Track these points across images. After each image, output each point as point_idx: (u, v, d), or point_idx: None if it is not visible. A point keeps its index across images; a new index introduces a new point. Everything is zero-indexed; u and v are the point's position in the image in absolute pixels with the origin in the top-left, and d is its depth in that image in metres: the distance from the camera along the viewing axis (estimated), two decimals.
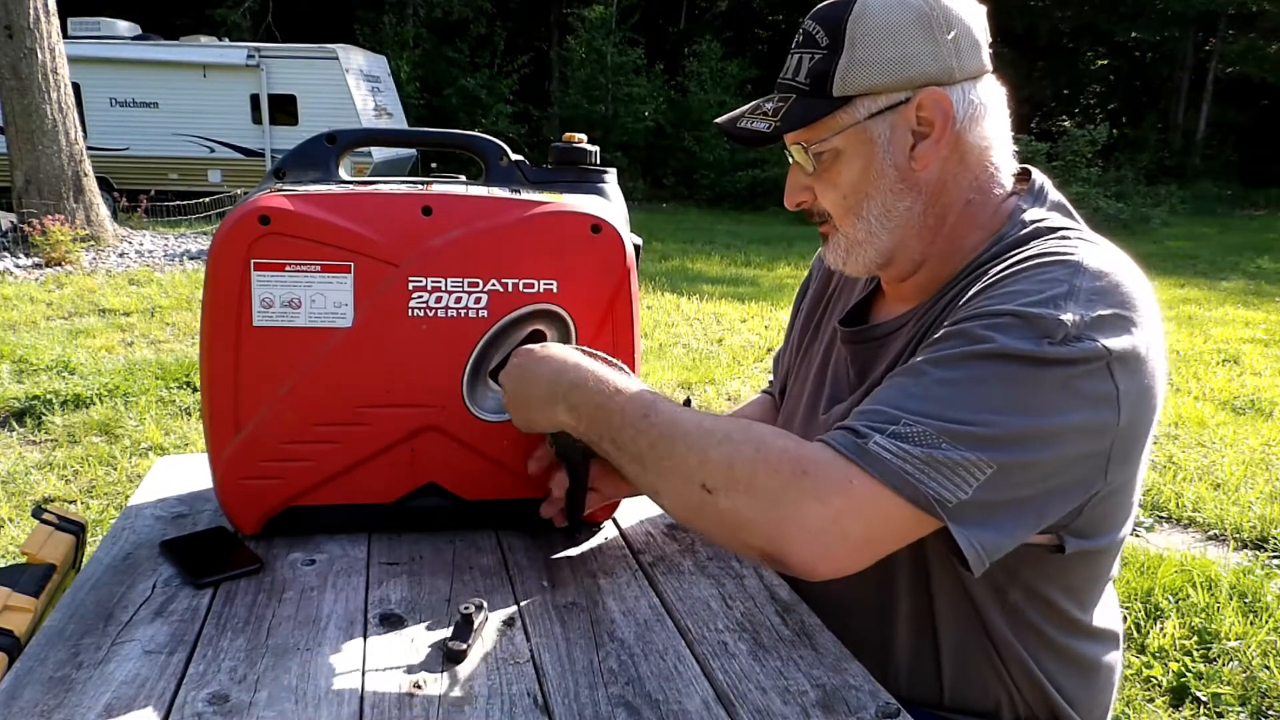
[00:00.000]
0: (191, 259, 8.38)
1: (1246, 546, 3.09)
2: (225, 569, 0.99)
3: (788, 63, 0.97)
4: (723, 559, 1.07)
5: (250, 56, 12.61)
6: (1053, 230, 0.92)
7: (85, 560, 1.07)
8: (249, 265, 0.98)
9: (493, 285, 1.02)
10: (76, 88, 9.17)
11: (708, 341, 5.97)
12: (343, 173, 1.10)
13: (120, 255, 8.43)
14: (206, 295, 0.99)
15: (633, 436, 0.87)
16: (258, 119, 12.68)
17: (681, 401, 0.91)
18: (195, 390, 4.32)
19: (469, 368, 1.04)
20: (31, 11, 7.98)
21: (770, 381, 1.38)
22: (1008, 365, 0.79)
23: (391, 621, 0.91)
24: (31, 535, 1.09)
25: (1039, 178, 1.00)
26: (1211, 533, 3.19)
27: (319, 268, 0.99)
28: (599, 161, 1.15)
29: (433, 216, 1.00)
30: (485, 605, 0.90)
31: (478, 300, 1.02)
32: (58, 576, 1.05)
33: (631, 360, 1.07)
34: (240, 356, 1.00)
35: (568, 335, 1.06)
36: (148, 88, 12.46)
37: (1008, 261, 0.88)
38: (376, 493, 1.07)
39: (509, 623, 0.92)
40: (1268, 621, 2.48)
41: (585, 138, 1.15)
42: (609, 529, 1.15)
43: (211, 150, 12.70)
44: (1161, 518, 3.31)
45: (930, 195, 0.95)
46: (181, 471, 1.30)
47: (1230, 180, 19.63)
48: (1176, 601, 2.59)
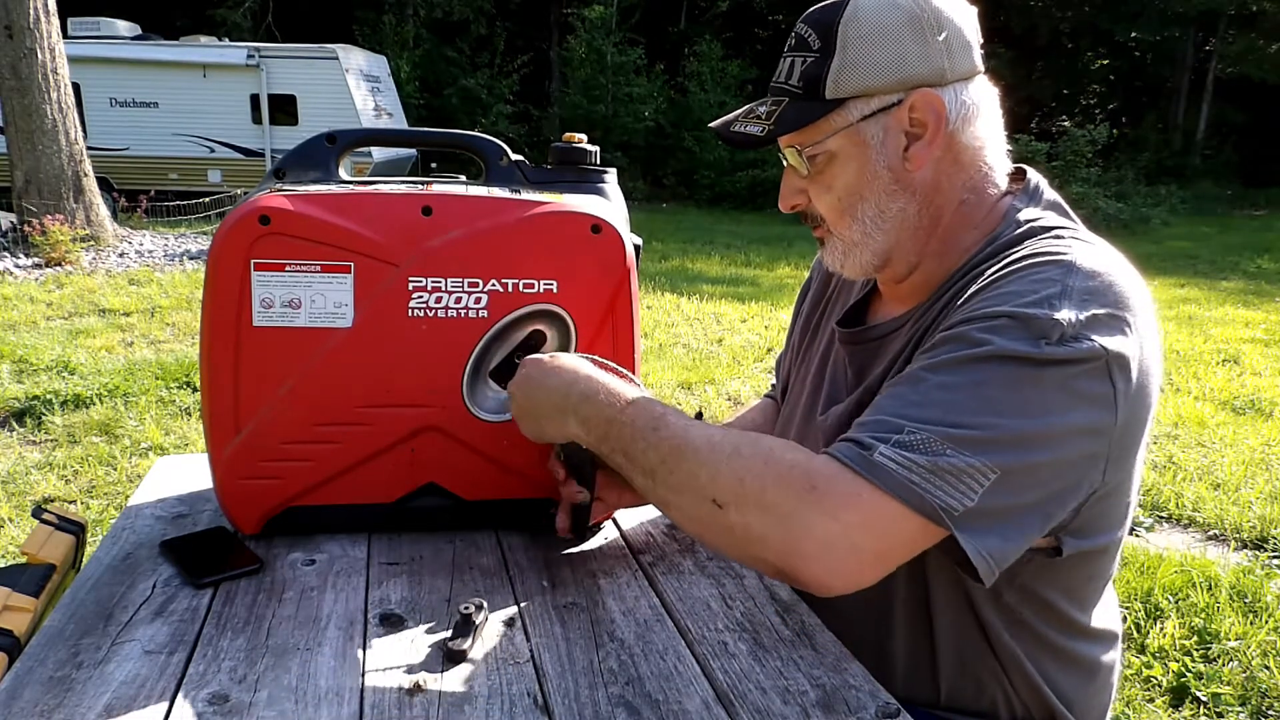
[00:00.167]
0: (191, 259, 8.38)
1: (1246, 546, 3.09)
2: (225, 569, 0.99)
3: (780, 66, 0.97)
4: (723, 559, 1.07)
5: (250, 56, 12.60)
6: (1047, 229, 0.92)
7: (85, 560, 1.07)
8: (249, 265, 0.98)
9: (493, 285, 1.02)
10: (76, 88, 9.16)
11: (708, 341, 5.97)
12: (343, 173, 1.10)
13: (120, 255, 8.43)
14: (206, 295, 0.99)
15: (643, 450, 0.87)
16: (258, 119, 12.68)
17: (694, 414, 0.91)
18: (195, 390, 4.32)
19: (469, 368, 1.04)
20: (31, 11, 7.98)
21: (772, 385, 1.38)
22: (1006, 367, 0.79)
23: (391, 621, 0.91)
24: (31, 535, 1.09)
25: (1034, 177, 1.00)
26: (1211, 533, 3.19)
27: (319, 268, 0.99)
28: (599, 161, 1.15)
29: (433, 216, 1.00)
30: (485, 605, 0.90)
31: (478, 300, 1.02)
32: (58, 576, 1.05)
33: (632, 361, 1.07)
34: (240, 356, 1.00)
35: (568, 335, 1.06)
36: (148, 88, 12.45)
37: (1003, 262, 0.88)
38: (376, 493, 1.07)
39: (509, 623, 0.92)
40: (1268, 621, 2.48)
41: (585, 138, 1.15)
42: (609, 529, 1.15)
43: (211, 150, 12.69)
44: (1161, 518, 3.31)
45: (924, 196, 0.95)
46: (181, 471, 1.30)
47: (1230, 180, 19.62)
48: (1176, 601, 2.59)
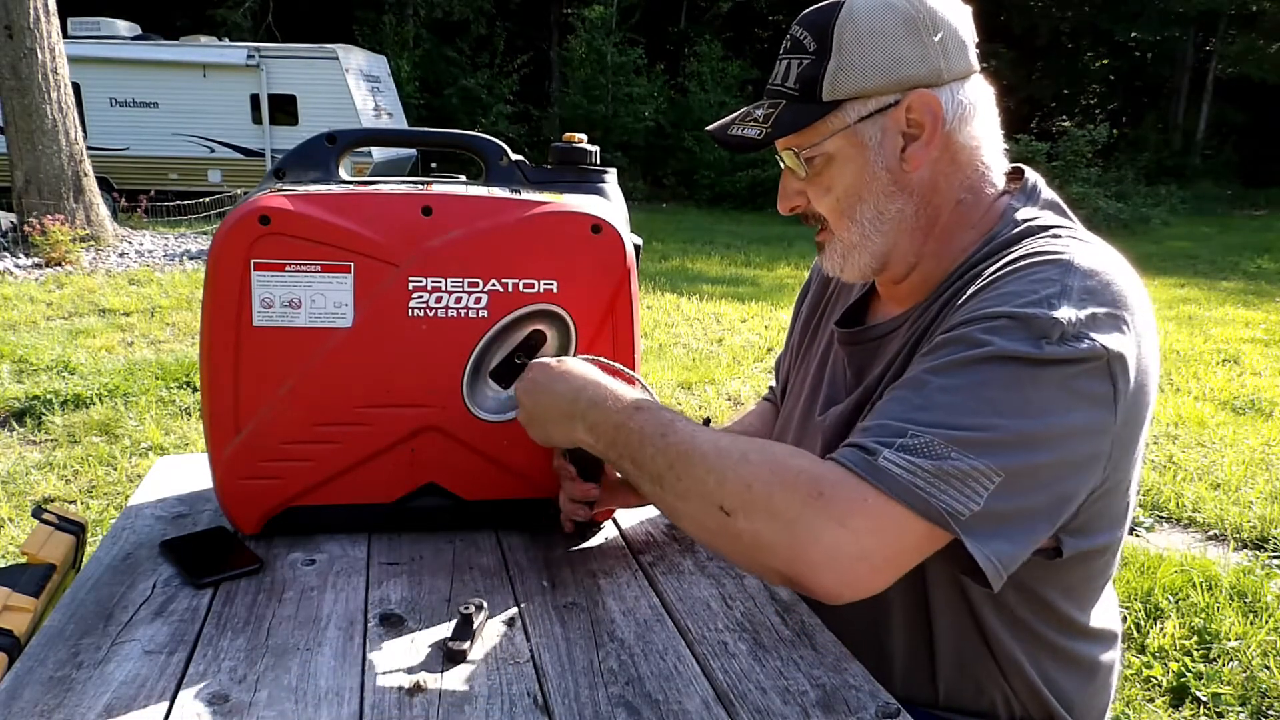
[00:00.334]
0: (191, 259, 8.38)
1: (1246, 546, 3.09)
2: (225, 569, 0.99)
3: (776, 68, 0.97)
4: (723, 559, 1.07)
5: (250, 56, 12.60)
6: (1045, 229, 0.92)
7: (85, 560, 1.07)
8: (249, 265, 0.98)
9: (493, 285, 1.02)
10: (76, 88, 9.16)
11: (708, 341, 5.97)
12: (343, 173, 1.10)
13: (120, 255, 8.43)
14: (206, 295, 0.99)
15: (651, 456, 0.87)
16: (258, 119, 12.68)
17: (702, 421, 0.91)
18: (195, 390, 4.32)
19: (469, 368, 1.04)
20: (31, 11, 7.98)
21: (771, 388, 1.38)
22: (1008, 368, 0.79)
23: (391, 621, 0.91)
24: (31, 535, 1.09)
25: (1031, 176, 1.01)
26: (1211, 533, 3.19)
27: (319, 268, 0.99)
28: (599, 161, 1.15)
29: (433, 216, 1.00)
30: (485, 605, 0.90)
31: (478, 300, 1.02)
32: (58, 576, 1.05)
33: (632, 361, 1.07)
34: (240, 356, 1.00)
35: (568, 335, 1.06)
36: (148, 88, 12.45)
37: (1001, 261, 0.89)
38: (376, 493, 1.07)
39: (509, 623, 0.92)
40: (1268, 621, 2.48)
41: (585, 138, 1.15)
42: (609, 529, 1.15)
43: (211, 150, 12.69)
44: (1161, 518, 3.31)
45: (922, 196, 0.95)
46: (181, 471, 1.30)
47: (1230, 180, 19.62)
48: (1176, 601, 2.59)
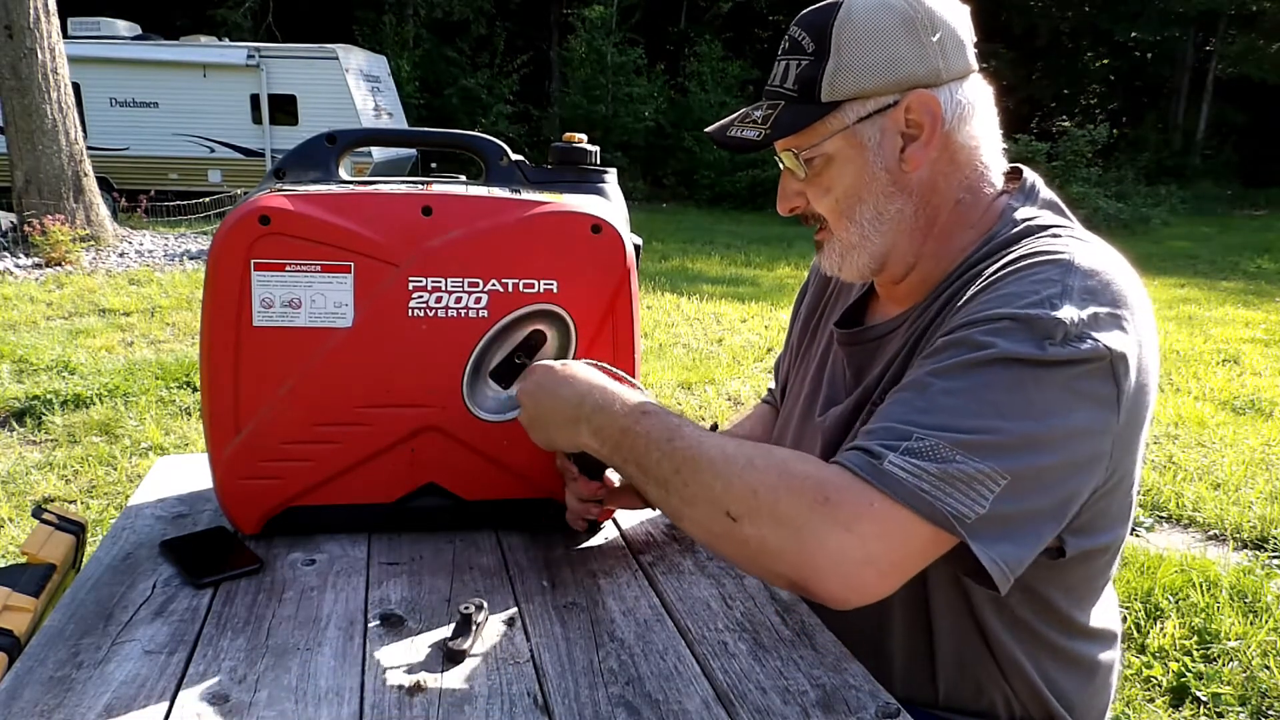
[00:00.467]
0: (191, 259, 8.38)
1: (1246, 546, 3.09)
2: (225, 569, 0.99)
3: (775, 69, 0.97)
4: (728, 562, 1.07)
5: (250, 56, 12.60)
6: (1044, 228, 0.92)
7: (85, 560, 1.07)
8: (249, 265, 0.98)
9: (493, 285, 1.02)
10: (76, 88, 9.16)
11: (708, 341, 5.97)
12: (343, 173, 1.10)
13: (120, 255, 8.43)
14: (206, 295, 0.99)
15: (658, 461, 0.86)
16: (258, 119, 12.68)
17: (709, 426, 0.91)
18: (195, 390, 4.32)
19: (469, 368, 1.04)
20: (31, 11, 7.97)
21: (770, 389, 1.38)
22: (1011, 370, 0.79)
23: (391, 621, 0.91)
24: (31, 535, 1.09)
25: (1030, 176, 1.01)
26: (1211, 533, 3.19)
27: (319, 268, 0.99)
28: (599, 161, 1.15)
29: (433, 216, 1.00)
30: (485, 605, 0.90)
31: (478, 300, 1.02)
32: (58, 576, 1.05)
33: (632, 361, 1.07)
34: (240, 356, 1.00)
35: (568, 335, 1.06)
36: (148, 88, 12.45)
37: (1001, 262, 0.89)
38: (376, 493, 1.07)
39: (509, 623, 0.92)
40: (1268, 621, 2.48)
41: (585, 138, 1.15)
42: (609, 529, 1.15)
43: (211, 150, 12.69)
44: (1161, 518, 3.31)
45: (921, 196, 0.95)
46: (181, 471, 1.30)
47: (1230, 180, 19.61)
48: (1176, 601, 2.59)
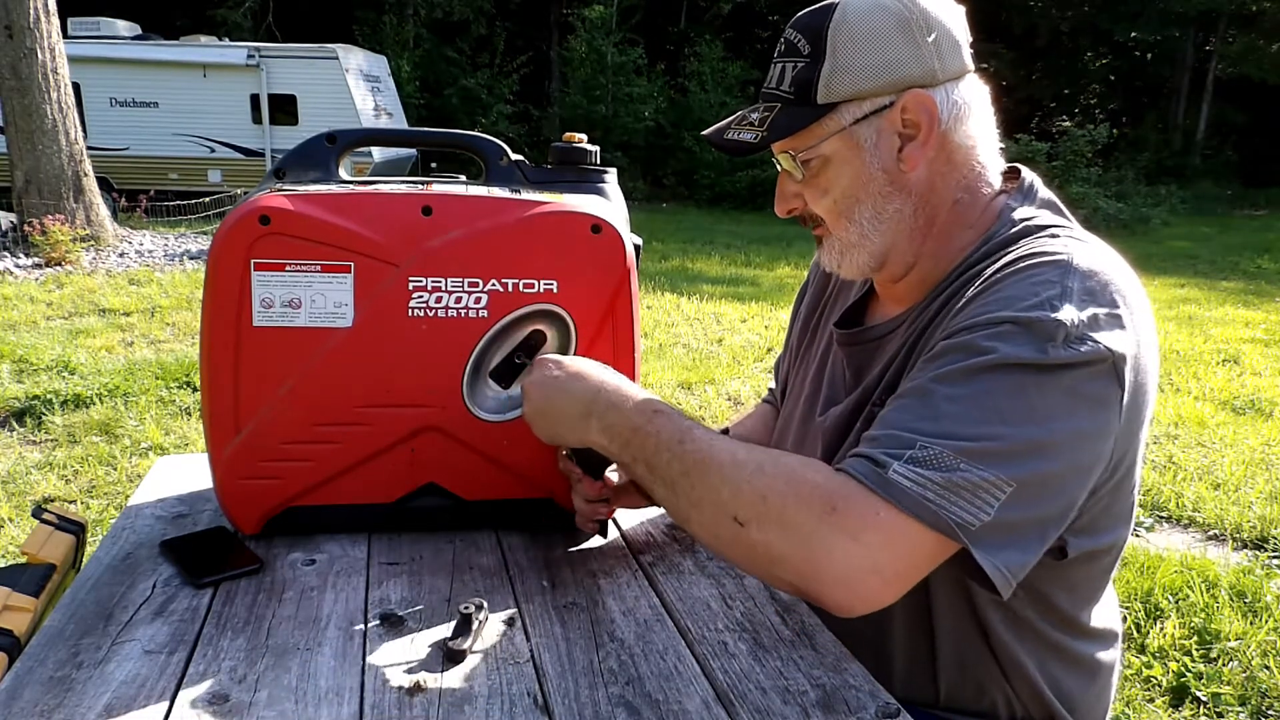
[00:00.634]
0: (191, 259, 8.38)
1: (1246, 546, 3.09)
2: (225, 569, 0.99)
3: (771, 72, 0.97)
4: (733, 566, 1.07)
5: (250, 56, 12.60)
6: (1042, 228, 0.93)
7: (85, 560, 1.07)
8: (249, 265, 0.98)
9: (493, 285, 1.02)
10: (76, 88, 9.16)
11: (708, 341, 5.97)
12: (343, 173, 1.10)
13: (120, 255, 8.43)
14: (206, 295, 0.99)
15: (667, 462, 0.86)
16: (258, 119, 12.68)
17: (720, 429, 0.91)
18: (195, 390, 4.32)
19: (469, 368, 1.04)
20: (31, 11, 7.98)
21: (770, 389, 1.38)
22: (1013, 375, 0.79)
23: (391, 621, 0.91)
24: (31, 535, 1.09)
25: (1028, 176, 1.01)
26: (1211, 533, 3.19)
27: (319, 268, 0.99)
28: (599, 161, 1.15)
29: (433, 216, 1.00)
30: (485, 605, 0.90)
31: (478, 300, 1.02)
32: (58, 576, 1.05)
33: (632, 360, 1.07)
34: (240, 356, 1.00)
35: (568, 335, 1.06)
36: (148, 88, 12.45)
37: (1000, 263, 0.89)
38: (376, 493, 1.07)
39: (509, 623, 0.92)
40: (1268, 621, 2.48)
41: (585, 138, 1.15)
42: (609, 529, 1.15)
43: (211, 150, 12.69)
44: (1161, 518, 3.31)
45: (920, 196, 0.95)
46: (181, 471, 1.30)
47: (1230, 180, 19.62)
48: (1176, 601, 2.59)
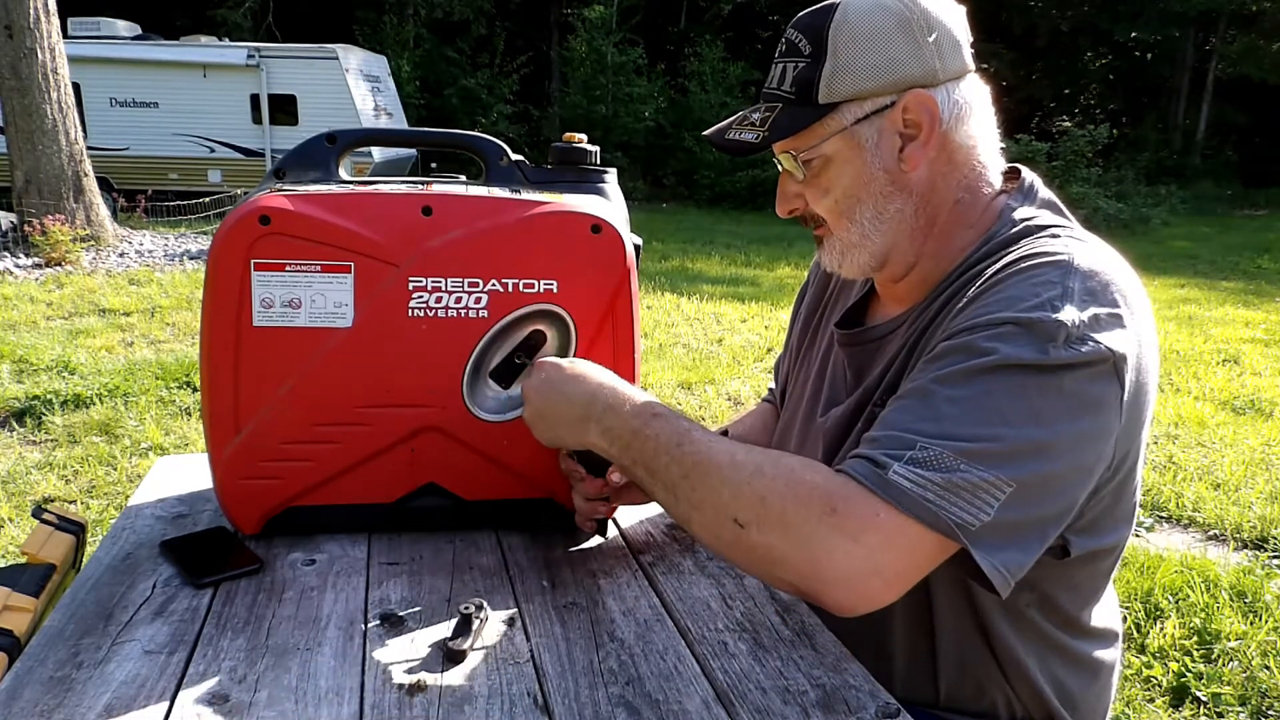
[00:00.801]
0: (191, 259, 8.38)
1: (1246, 546, 3.09)
2: (225, 569, 0.99)
3: (772, 72, 0.97)
4: (733, 567, 1.07)
5: (250, 56, 12.60)
6: (1043, 228, 0.93)
7: (85, 560, 1.07)
8: (249, 265, 0.98)
9: (493, 285, 1.02)
10: (76, 88, 9.16)
11: (708, 341, 5.97)
12: (343, 173, 1.10)
13: (120, 255, 8.43)
14: (206, 295, 0.99)
15: (666, 464, 0.87)
16: (258, 119, 12.68)
17: (719, 429, 0.91)
18: (195, 390, 4.32)
19: (469, 368, 1.04)
20: (31, 11, 7.98)
21: (770, 389, 1.38)
22: (1014, 376, 0.79)
23: (391, 621, 0.91)
24: (31, 535, 1.09)
25: (1029, 176, 1.01)
26: (1211, 533, 3.19)
27: (319, 268, 0.99)
28: (599, 161, 1.15)
29: (433, 216, 1.00)
30: (485, 605, 0.90)
31: (478, 300, 1.02)
32: (58, 576, 1.05)
33: (632, 361, 1.07)
34: (240, 356, 1.00)
35: (568, 335, 1.06)
36: (148, 88, 12.45)
37: (1000, 263, 0.89)
38: (376, 493, 1.07)
39: (509, 623, 0.92)
40: (1268, 621, 2.48)
41: (585, 138, 1.15)
42: (609, 529, 1.15)
43: (211, 150, 12.69)
44: (1161, 518, 3.31)
45: (920, 196, 0.95)
46: (181, 471, 1.30)
47: (1230, 180, 19.62)
48: (1176, 601, 2.59)
